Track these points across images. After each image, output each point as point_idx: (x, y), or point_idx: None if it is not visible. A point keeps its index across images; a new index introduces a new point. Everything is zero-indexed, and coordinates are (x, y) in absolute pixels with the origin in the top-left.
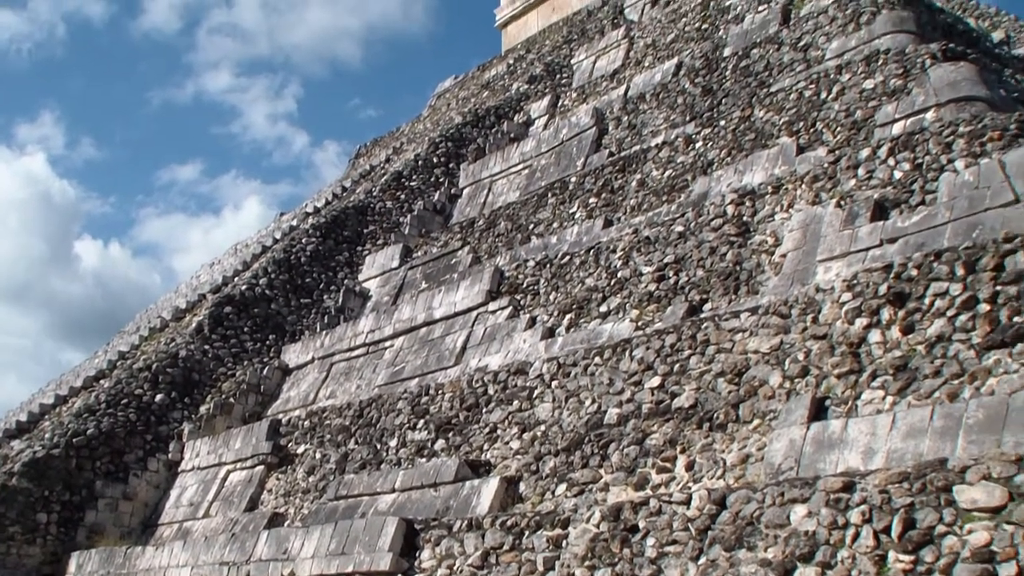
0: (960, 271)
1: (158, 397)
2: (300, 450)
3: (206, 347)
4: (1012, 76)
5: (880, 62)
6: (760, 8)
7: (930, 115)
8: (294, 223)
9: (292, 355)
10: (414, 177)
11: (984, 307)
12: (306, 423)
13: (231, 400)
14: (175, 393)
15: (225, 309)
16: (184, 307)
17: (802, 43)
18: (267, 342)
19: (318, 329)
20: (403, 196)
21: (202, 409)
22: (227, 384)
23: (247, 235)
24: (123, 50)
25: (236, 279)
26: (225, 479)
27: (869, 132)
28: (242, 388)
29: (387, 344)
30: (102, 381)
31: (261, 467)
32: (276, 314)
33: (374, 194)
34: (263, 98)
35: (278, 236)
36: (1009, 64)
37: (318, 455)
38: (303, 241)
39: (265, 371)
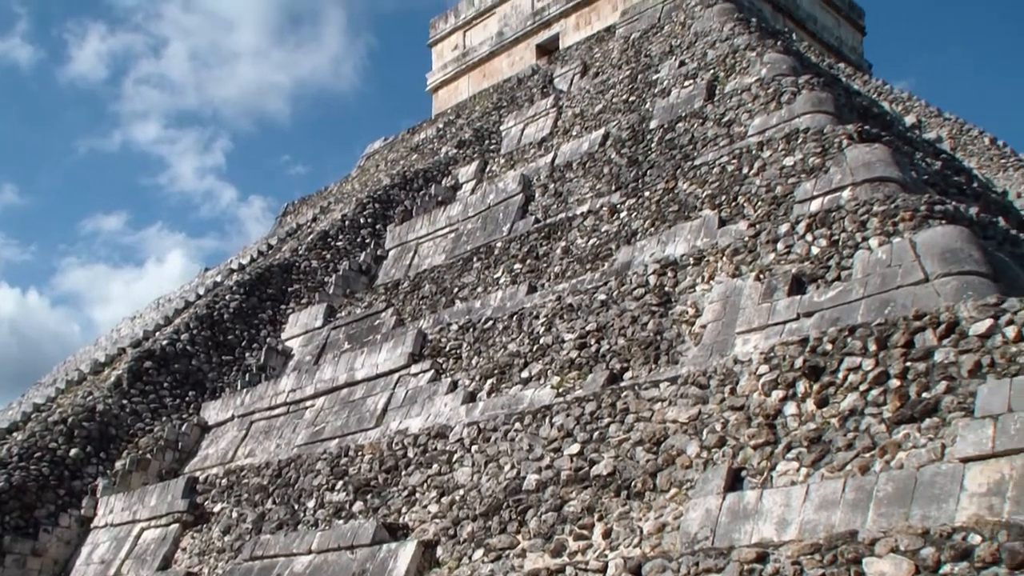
0: (872, 347)
1: (73, 451)
2: (216, 509)
3: (124, 402)
4: (923, 159)
5: (800, 140)
6: (686, 83)
7: (846, 194)
8: (218, 279)
9: (212, 412)
10: (341, 237)
11: (895, 382)
12: (223, 481)
13: (148, 456)
14: (91, 448)
15: (145, 364)
16: (103, 360)
17: (726, 119)
18: (187, 398)
19: (239, 387)
20: (329, 256)
21: (118, 464)
22: (144, 440)
23: (170, 288)
24: (50, 97)
25: (157, 334)
26: (139, 537)
27: (788, 208)
28: (159, 444)
29: (308, 404)
30: (15, 434)
31: (176, 525)
32: (197, 370)
33: (300, 253)
34: (192, 151)
35: (202, 292)
36: (920, 148)
37: (235, 514)
38: (227, 298)
39: (183, 427)
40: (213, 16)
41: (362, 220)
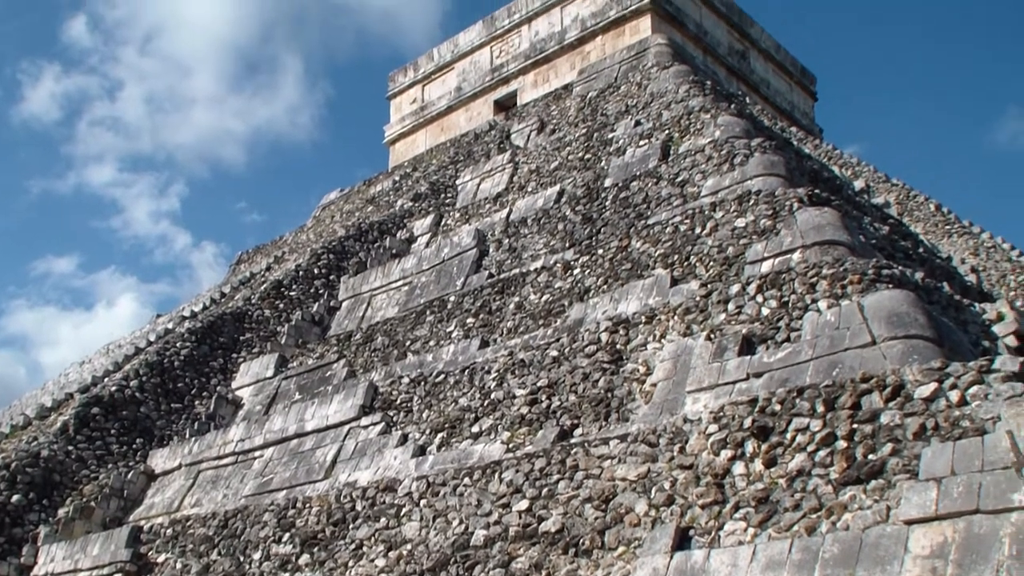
0: (820, 408)
1: (15, 498)
2: (161, 559)
3: (70, 448)
4: (871, 224)
5: (751, 202)
6: (641, 143)
7: (796, 256)
8: (170, 326)
9: (159, 460)
10: (294, 287)
11: (842, 444)
12: (169, 531)
13: (92, 504)
14: (33, 494)
15: (93, 410)
16: (50, 405)
17: (679, 179)
18: (134, 446)
19: (187, 435)
20: (282, 305)
21: (61, 512)
22: (89, 487)
23: (119, 332)
24: (2, 136)
25: (106, 379)
26: None
27: (740, 268)
28: (104, 492)
29: (257, 454)
30: None
31: (119, 575)
32: (145, 417)
33: (253, 302)
34: (147, 195)
35: (152, 338)
36: (868, 212)
37: (179, 565)
38: (178, 345)
39: (130, 475)
40: (170, 61)
41: (316, 271)
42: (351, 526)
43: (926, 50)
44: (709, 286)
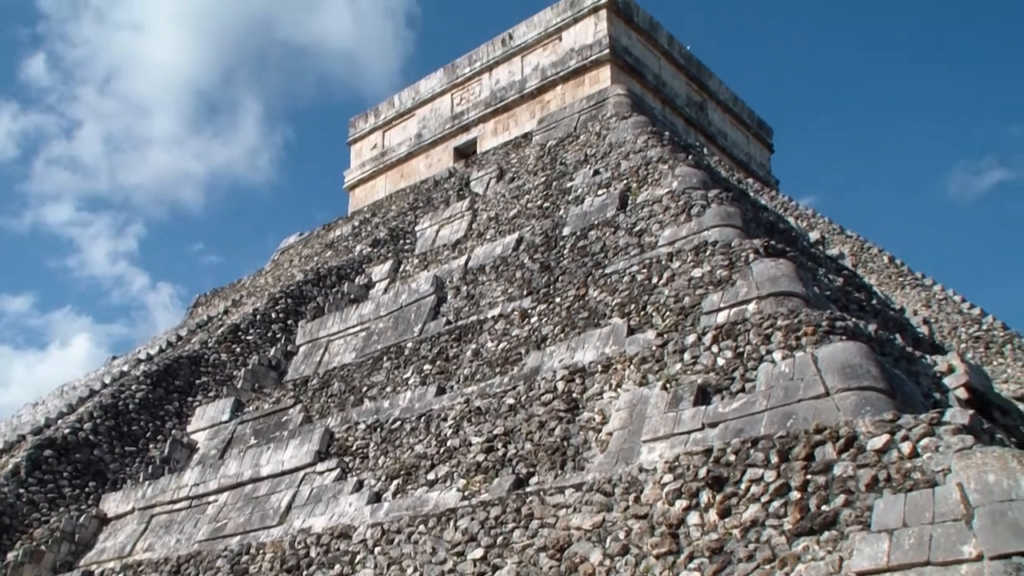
0: (774, 459)
1: None
2: None
3: (21, 490)
4: (825, 275)
5: (708, 253)
6: (599, 192)
7: (752, 307)
8: (125, 368)
9: (112, 504)
10: (251, 331)
11: (795, 495)
12: None
13: (42, 548)
14: None
15: (45, 452)
16: (1, 447)
17: (637, 228)
18: (87, 489)
19: (141, 479)
20: (239, 349)
21: (10, 556)
22: (40, 531)
23: (73, 373)
24: None
25: (60, 422)
26: None
27: (696, 319)
28: (55, 536)
29: (211, 499)
30: None
31: None
32: (99, 460)
33: (209, 345)
34: (104, 235)
35: (108, 380)
36: (823, 263)
37: None
38: (133, 388)
39: (81, 519)
40: (129, 101)
41: (274, 315)
42: (304, 573)
43: (880, 104)
44: (665, 336)
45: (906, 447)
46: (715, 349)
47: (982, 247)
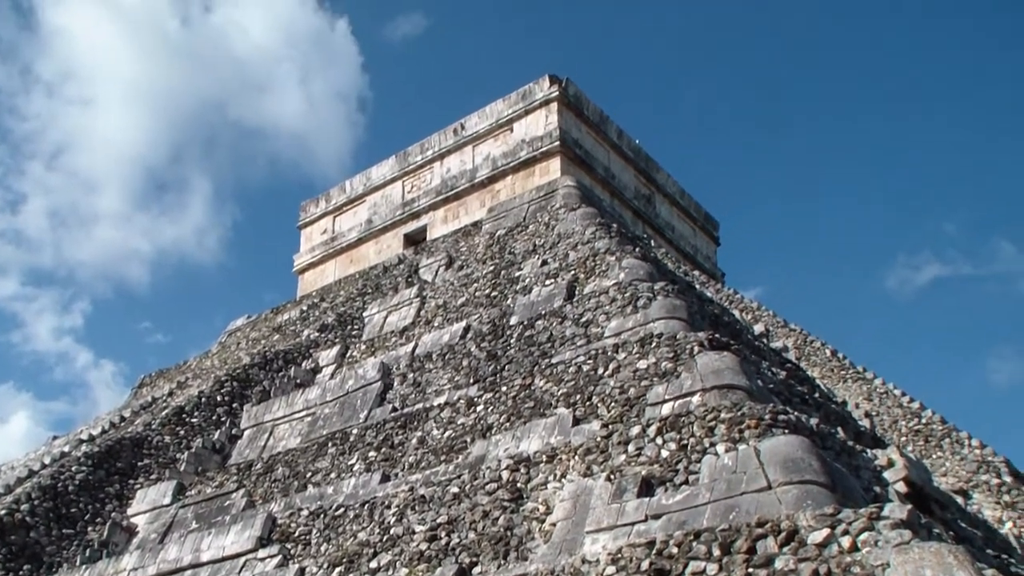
0: (716, 552)
1: None
2: None
3: None
4: (769, 368)
5: (653, 344)
6: (547, 282)
7: (696, 399)
8: (66, 449)
9: None
10: (196, 414)
11: None
12: None
13: None
14: None
15: None
16: None
17: (584, 319)
18: (21, 573)
19: (78, 563)
20: (183, 432)
21: None
22: None
23: (11, 452)
24: None
25: None
26: None
27: (641, 410)
28: None
29: None
30: None
31: None
32: (35, 543)
33: (153, 427)
34: (49, 311)
35: (47, 461)
36: (767, 356)
37: None
38: (73, 469)
39: None
40: (76, 176)
41: (219, 398)
42: None
43: (823, 195)
44: (610, 427)
45: (846, 541)
46: (659, 441)
47: (921, 341)
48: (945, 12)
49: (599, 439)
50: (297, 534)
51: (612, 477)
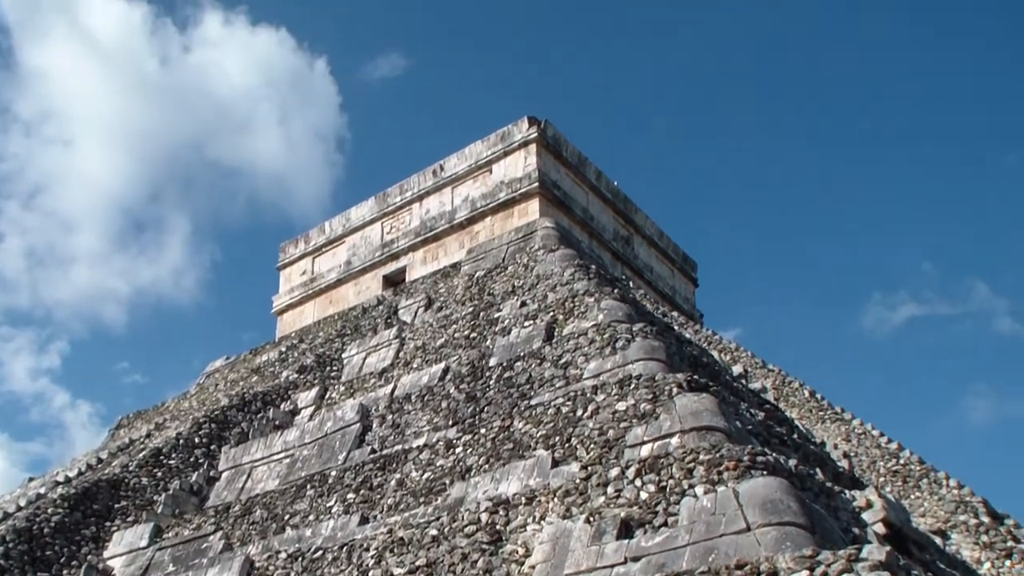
0: None
1: None
2: None
3: None
4: (747, 409)
5: (632, 386)
6: (526, 324)
7: (675, 441)
8: (42, 490)
9: None
10: (174, 455)
11: None
12: None
13: None
14: None
15: None
16: None
17: (563, 360)
18: None
19: None
20: (160, 474)
21: None
22: None
23: None
24: None
25: None
26: None
27: (620, 452)
28: None
29: None
30: None
31: None
32: None
33: (130, 469)
34: (26, 350)
35: (23, 503)
36: (745, 398)
37: None
38: (49, 511)
39: None
40: (53, 216)
41: (197, 439)
42: None
43: (798, 237)
44: (589, 469)
45: None
46: (638, 483)
47: (898, 381)
48: (919, 49)
49: (578, 481)
50: None
51: (591, 519)
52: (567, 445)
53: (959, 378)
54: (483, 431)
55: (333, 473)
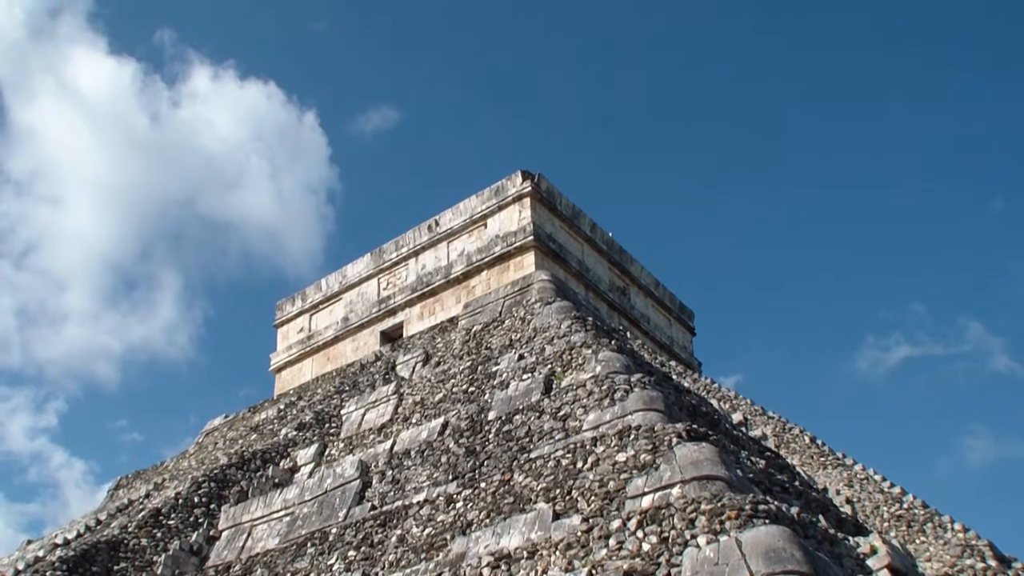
0: None
1: None
2: None
3: None
4: (748, 457)
5: (632, 437)
6: (524, 376)
7: (675, 491)
8: (40, 553)
9: None
10: (173, 515)
11: None
12: None
13: None
14: None
15: None
16: None
17: (561, 413)
18: None
19: None
20: (160, 534)
21: None
22: None
23: None
24: None
25: None
26: None
27: (621, 503)
28: None
29: None
30: None
31: None
32: None
33: (129, 530)
34: (23, 410)
35: (21, 567)
36: (746, 446)
37: None
38: (48, 574)
39: None
40: (45, 275)
41: (196, 499)
42: None
43: (793, 282)
44: (591, 521)
45: None
46: (640, 534)
47: (895, 424)
48: (907, 90)
49: (580, 533)
50: None
51: (594, 572)
52: (568, 497)
53: (956, 418)
54: (483, 485)
55: (334, 530)
